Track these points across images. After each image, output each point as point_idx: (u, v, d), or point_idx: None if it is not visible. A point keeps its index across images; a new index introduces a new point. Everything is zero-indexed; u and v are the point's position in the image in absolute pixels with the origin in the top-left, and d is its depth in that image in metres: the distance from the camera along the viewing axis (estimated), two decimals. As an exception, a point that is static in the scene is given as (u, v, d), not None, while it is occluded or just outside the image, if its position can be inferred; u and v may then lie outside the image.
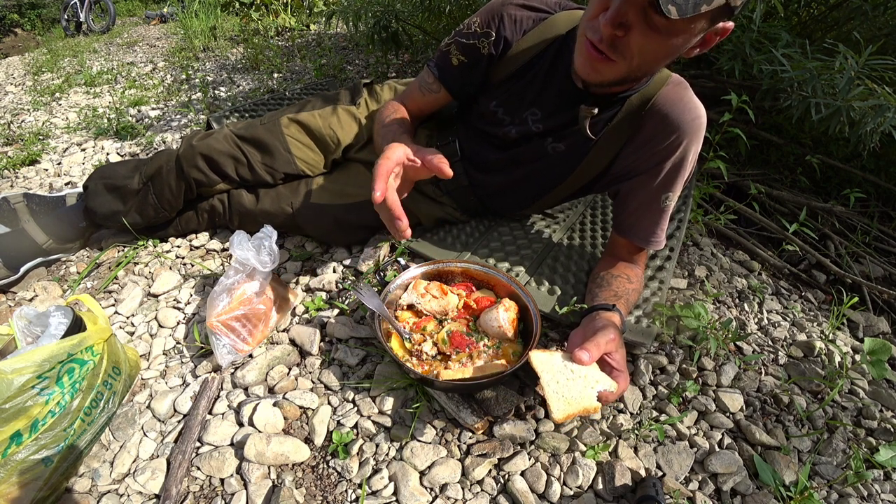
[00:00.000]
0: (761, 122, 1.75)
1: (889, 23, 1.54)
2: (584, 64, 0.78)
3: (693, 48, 0.75)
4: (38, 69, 3.13)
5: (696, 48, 0.75)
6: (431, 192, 1.18)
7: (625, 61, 0.74)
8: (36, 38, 6.19)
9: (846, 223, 1.66)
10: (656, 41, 0.70)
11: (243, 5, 3.60)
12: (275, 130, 1.13)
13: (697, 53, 0.77)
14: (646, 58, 0.74)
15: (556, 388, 0.68)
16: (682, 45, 0.72)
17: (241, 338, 0.90)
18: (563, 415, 0.66)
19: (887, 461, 0.76)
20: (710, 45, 0.76)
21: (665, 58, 0.76)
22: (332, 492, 0.74)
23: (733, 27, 0.73)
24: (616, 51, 0.73)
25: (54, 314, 0.76)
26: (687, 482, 0.79)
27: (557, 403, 0.67)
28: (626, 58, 0.73)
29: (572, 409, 0.67)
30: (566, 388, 0.68)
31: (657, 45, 0.71)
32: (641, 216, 0.95)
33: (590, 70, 0.78)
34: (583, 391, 0.68)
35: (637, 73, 0.79)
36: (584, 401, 0.68)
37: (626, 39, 0.71)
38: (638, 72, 0.78)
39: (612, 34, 0.70)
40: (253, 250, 0.92)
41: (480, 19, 0.94)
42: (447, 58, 0.99)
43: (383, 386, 0.87)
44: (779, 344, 1.08)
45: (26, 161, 1.70)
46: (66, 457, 0.72)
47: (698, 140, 0.88)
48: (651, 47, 0.71)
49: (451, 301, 0.94)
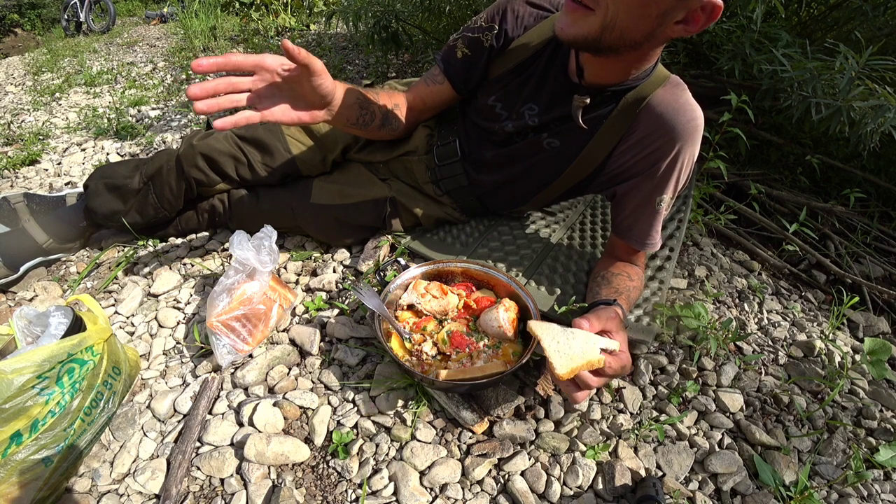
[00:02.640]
0: (761, 122, 1.75)
1: (889, 23, 1.54)
2: (562, 20, 0.76)
3: (676, 22, 0.71)
4: (38, 69, 3.13)
5: (679, 22, 0.72)
6: (431, 192, 1.18)
7: (600, 10, 0.71)
8: (36, 38, 6.19)
9: (846, 223, 1.66)
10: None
11: (243, 5, 3.60)
12: (275, 130, 1.13)
13: (682, 32, 0.73)
14: (619, 7, 0.70)
15: (556, 346, 0.65)
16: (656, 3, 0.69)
17: (241, 338, 0.90)
18: (567, 370, 0.64)
19: (887, 461, 0.76)
20: (696, 25, 0.72)
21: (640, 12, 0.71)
22: (332, 492, 0.74)
23: (723, 8, 0.69)
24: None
25: (54, 314, 0.76)
26: (687, 482, 0.79)
27: (559, 360, 0.64)
28: (600, 6, 0.70)
29: (575, 363, 0.65)
30: (567, 346, 0.66)
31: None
32: (637, 219, 0.95)
33: (567, 23, 0.75)
34: (584, 346, 0.66)
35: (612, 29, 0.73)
36: (587, 354, 0.66)
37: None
38: (612, 27, 0.73)
39: None
40: (253, 250, 0.92)
41: (487, 14, 0.97)
42: (453, 51, 1.01)
43: (383, 386, 0.87)
44: (779, 344, 1.08)
45: (26, 161, 1.70)
46: (66, 457, 0.72)
47: (693, 143, 0.87)
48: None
49: (451, 301, 0.94)
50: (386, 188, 1.16)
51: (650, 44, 0.77)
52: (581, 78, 0.88)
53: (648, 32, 0.74)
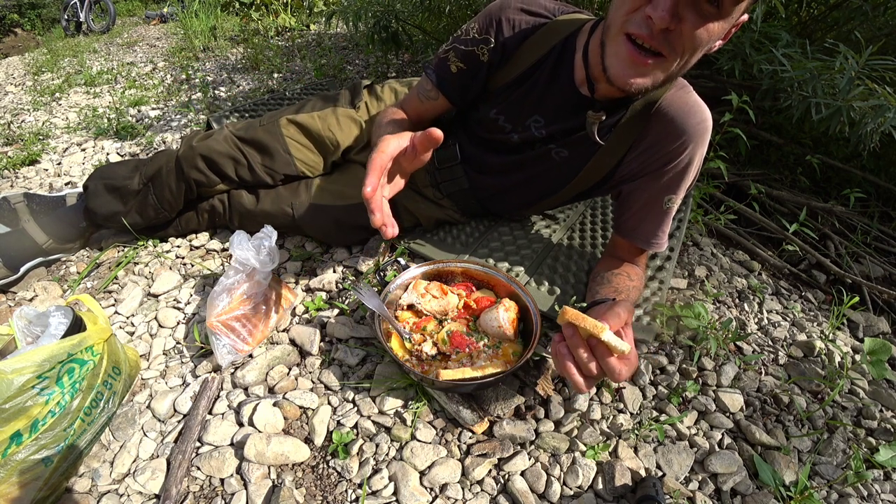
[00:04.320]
0: (761, 122, 1.75)
1: (889, 23, 1.54)
2: (623, 69, 0.71)
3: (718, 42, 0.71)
4: (38, 69, 3.13)
5: (721, 41, 0.71)
6: (431, 195, 1.18)
7: (674, 56, 0.68)
8: (36, 38, 6.19)
9: (846, 223, 1.66)
10: (704, 32, 0.65)
11: (243, 5, 3.60)
12: (274, 132, 1.13)
13: (718, 48, 0.73)
14: (693, 52, 0.68)
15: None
16: (719, 36, 0.68)
17: (241, 338, 0.90)
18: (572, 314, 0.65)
19: (887, 461, 0.76)
20: (728, 39, 0.73)
21: (702, 51, 0.70)
22: (332, 492, 0.74)
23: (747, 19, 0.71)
24: (668, 45, 0.66)
25: (54, 314, 0.76)
26: (687, 482, 0.79)
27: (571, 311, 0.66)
28: (676, 52, 0.68)
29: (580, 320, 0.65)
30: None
31: (704, 36, 0.66)
32: (643, 218, 0.95)
33: (632, 74, 0.71)
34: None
35: (679, 72, 0.73)
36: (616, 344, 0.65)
37: (678, 31, 0.65)
38: (680, 70, 0.72)
39: (668, 25, 0.63)
40: (253, 250, 0.92)
41: (479, 24, 0.91)
42: (445, 64, 0.96)
43: (383, 386, 0.87)
44: (779, 344, 1.08)
45: (26, 161, 1.70)
46: (66, 457, 0.72)
47: (703, 143, 0.88)
48: (699, 39, 0.66)
49: (451, 301, 0.94)
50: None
51: None
52: (592, 91, 0.85)
53: (698, 61, 0.73)
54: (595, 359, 0.66)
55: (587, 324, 0.64)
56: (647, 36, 0.66)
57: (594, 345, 0.67)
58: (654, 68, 0.70)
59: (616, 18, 0.70)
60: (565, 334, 0.69)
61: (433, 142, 0.75)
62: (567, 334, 0.69)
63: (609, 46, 0.72)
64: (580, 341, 0.67)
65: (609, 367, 0.65)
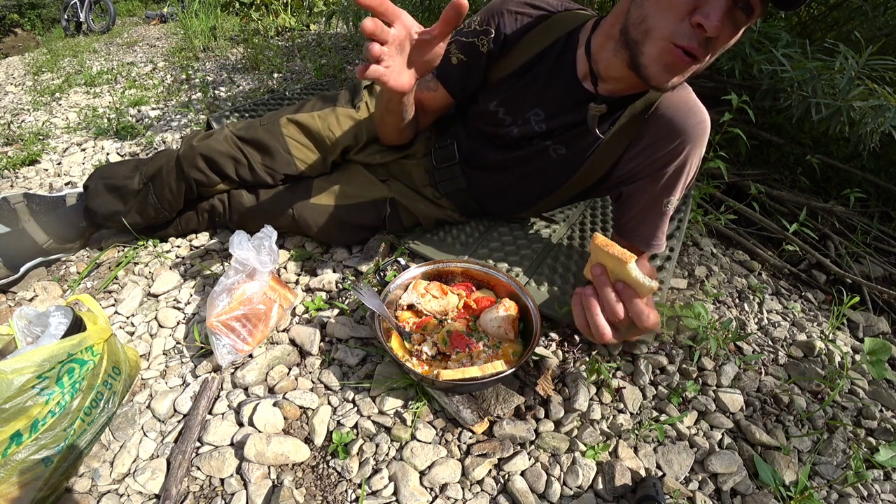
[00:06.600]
0: (761, 122, 1.74)
1: (889, 23, 1.54)
2: (665, 72, 0.73)
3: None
4: (38, 69, 3.13)
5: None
6: (430, 195, 1.18)
7: (706, 58, 0.71)
8: (36, 38, 6.19)
9: (846, 223, 1.66)
10: (733, 36, 0.69)
11: (243, 5, 3.60)
12: (274, 131, 1.13)
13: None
14: (718, 54, 0.72)
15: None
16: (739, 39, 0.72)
17: (241, 338, 0.90)
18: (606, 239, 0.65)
19: (887, 461, 0.76)
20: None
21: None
22: (332, 492, 0.74)
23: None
24: (705, 49, 0.69)
25: (54, 314, 0.76)
26: (687, 482, 0.79)
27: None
28: (708, 55, 0.71)
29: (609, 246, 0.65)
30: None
31: (733, 41, 0.70)
32: (643, 220, 0.95)
33: (670, 75, 0.74)
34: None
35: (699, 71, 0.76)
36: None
37: (717, 37, 0.68)
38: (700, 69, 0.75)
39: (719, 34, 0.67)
40: (253, 250, 0.92)
41: (480, 17, 0.93)
42: (447, 56, 0.96)
43: (383, 386, 0.87)
44: (779, 344, 1.08)
45: (26, 161, 1.70)
46: (66, 457, 0.72)
47: (702, 144, 0.88)
48: (728, 44, 0.70)
49: (451, 301, 0.94)
50: (385, 189, 1.16)
51: None
52: (595, 86, 0.86)
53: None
54: (622, 300, 0.65)
55: (615, 250, 0.63)
56: (695, 46, 0.68)
57: (620, 289, 0.65)
58: (688, 67, 0.72)
59: (661, 25, 0.70)
60: (593, 273, 0.68)
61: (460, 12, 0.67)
62: (595, 273, 0.67)
63: (649, 48, 0.73)
64: (608, 281, 0.66)
65: (636, 309, 0.64)
